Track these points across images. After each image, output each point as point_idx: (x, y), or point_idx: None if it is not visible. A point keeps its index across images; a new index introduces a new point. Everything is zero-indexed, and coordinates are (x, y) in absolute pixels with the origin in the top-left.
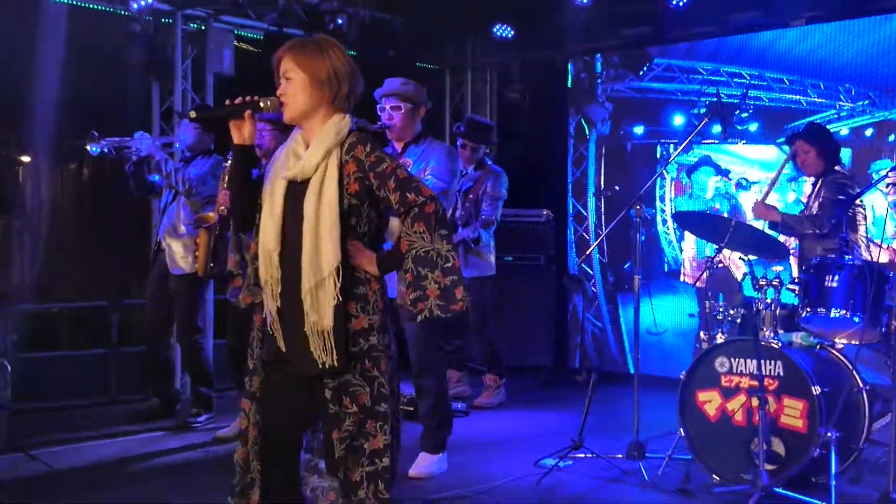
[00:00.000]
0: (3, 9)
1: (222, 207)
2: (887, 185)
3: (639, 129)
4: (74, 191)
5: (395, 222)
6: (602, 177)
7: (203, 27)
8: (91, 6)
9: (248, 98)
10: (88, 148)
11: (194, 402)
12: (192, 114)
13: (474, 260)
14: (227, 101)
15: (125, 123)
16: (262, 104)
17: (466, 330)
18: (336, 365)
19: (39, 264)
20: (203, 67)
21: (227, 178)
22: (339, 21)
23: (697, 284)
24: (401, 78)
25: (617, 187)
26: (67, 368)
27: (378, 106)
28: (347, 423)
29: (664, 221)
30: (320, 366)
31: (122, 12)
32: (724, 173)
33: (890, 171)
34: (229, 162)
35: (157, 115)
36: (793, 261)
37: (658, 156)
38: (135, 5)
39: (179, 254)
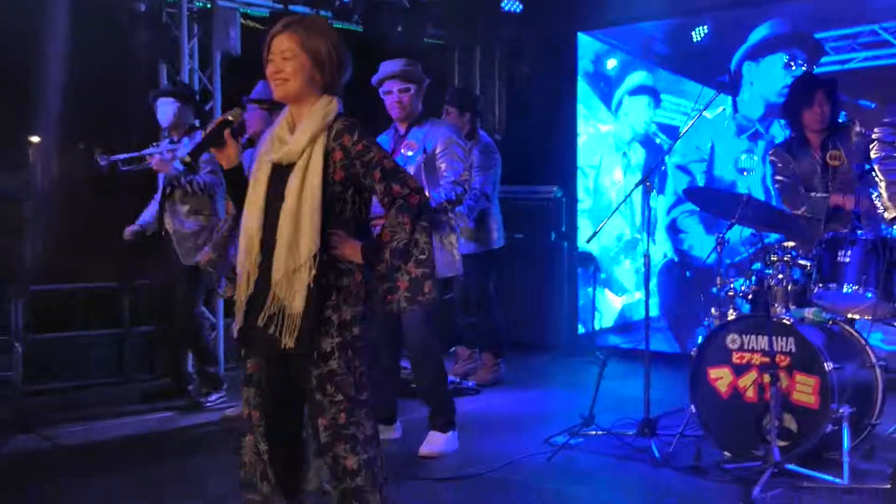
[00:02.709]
0: None
1: None
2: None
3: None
4: (84, 171)
5: None
6: None
7: (209, 5)
8: None
9: (216, 122)
10: (100, 161)
11: (202, 381)
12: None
13: (472, 234)
14: (205, 131)
15: (132, 105)
16: (230, 118)
17: (472, 306)
18: (292, 347)
19: (50, 245)
20: (209, 46)
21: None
22: None
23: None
24: (401, 59)
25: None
26: (80, 349)
27: (381, 90)
28: (333, 412)
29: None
30: (282, 347)
31: None
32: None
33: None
34: None
35: None
36: None
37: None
38: None
39: (190, 246)
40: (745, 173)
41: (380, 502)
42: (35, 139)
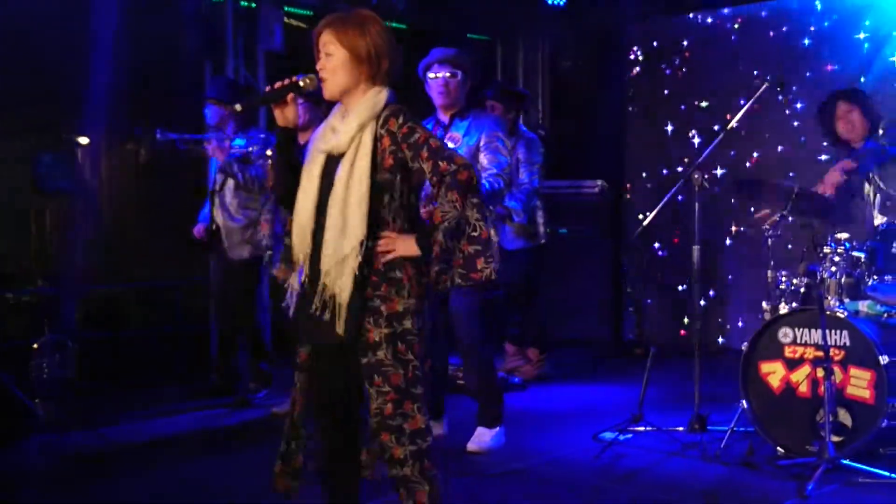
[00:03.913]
0: None
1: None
2: None
3: None
4: (132, 171)
5: None
6: None
7: (253, 4)
8: None
9: (287, 80)
10: (156, 135)
11: (253, 377)
12: (238, 106)
13: (520, 230)
14: (267, 87)
15: (178, 104)
16: (301, 83)
17: (518, 302)
18: (340, 335)
19: (100, 244)
20: (254, 45)
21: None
22: None
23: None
24: (453, 48)
25: None
26: (131, 347)
27: (429, 73)
28: (380, 402)
29: None
30: (331, 335)
31: None
32: None
33: None
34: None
35: None
36: None
37: None
38: None
39: (237, 240)
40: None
41: (431, 496)
42: (84, 140)
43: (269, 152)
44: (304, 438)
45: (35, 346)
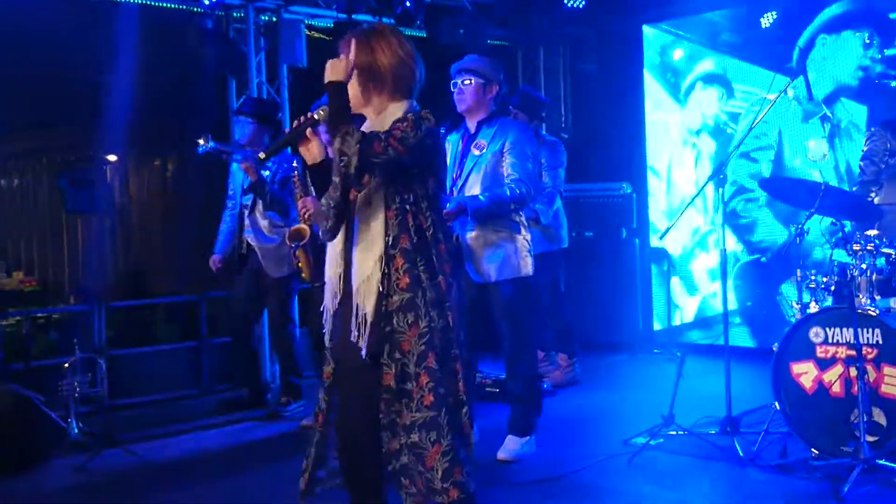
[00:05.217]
0: (78, 11)
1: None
2: None
3: None
4: (159, 188)
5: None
6: None
7: (274, 19)
8: (163, 4)
9: (303, 118)
10: (200, 143)
11: (284, 391)
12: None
13: (545, 234)
14: (286, 130)
15: (202, 121)
16: (316, 116)
17: (544, 307)
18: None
19: (127, 260)
20: (276, 60)
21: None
22: (408, 4)
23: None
24: (478, 56)
25: None
26: (159, 362)
27: (451, 81)
28: (377, 400)
29: None
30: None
31: (195, 9)
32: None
33: None
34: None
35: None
36: None
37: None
38: (206, 1)
39: (272, 261)
40: (814, 159)
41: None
42: (112, 157)
43: (295, 175)
44: (324, 454)
45: (66, 364)
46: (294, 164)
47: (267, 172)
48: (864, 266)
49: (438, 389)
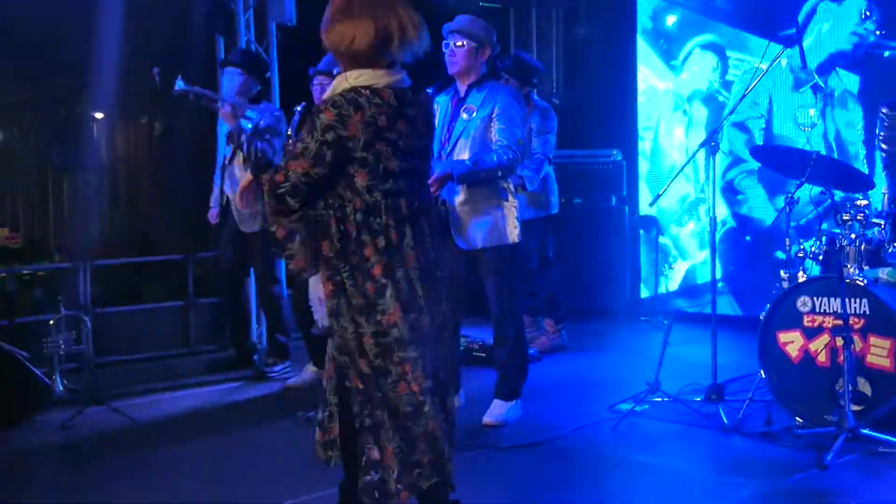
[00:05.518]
0: None
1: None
2: None
3: None
4: (146, 146)
5: None
6: None
7: None
8: None
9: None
10: (175, 85)
11: (270, 351)
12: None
13: (535, 200)
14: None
15: (191, 79)
16: None
17: (532, 272)
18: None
19: (114, 218)
20: (264, 18)
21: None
22: None
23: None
24: (470, 16)
25: None
26: (145, 321)
27: (443, 42)
28: None
29: None
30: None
31: None
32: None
33: None
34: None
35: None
36: None
37: None
38: None
39: (247, 213)
40: (804, 129)
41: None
42: (98, 115)
43: (289, 131)
44: (335, 409)
45: (51, 322)
46: (276, 115)
47: (249, 125)
48: (853, 236)
49: (375, 394)
